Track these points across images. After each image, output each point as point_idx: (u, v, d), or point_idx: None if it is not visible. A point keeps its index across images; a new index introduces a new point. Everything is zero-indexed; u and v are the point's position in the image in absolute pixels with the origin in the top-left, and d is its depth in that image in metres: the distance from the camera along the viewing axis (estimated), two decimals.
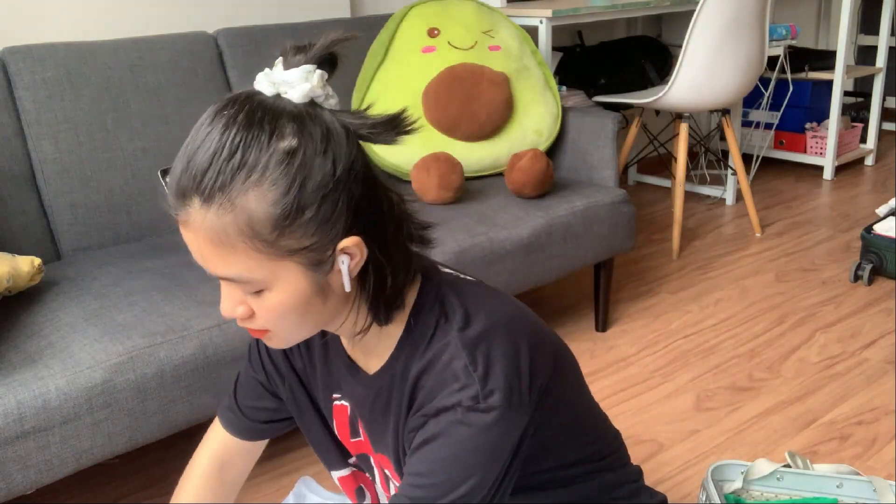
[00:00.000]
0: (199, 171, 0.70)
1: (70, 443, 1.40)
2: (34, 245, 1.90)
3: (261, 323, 0.78)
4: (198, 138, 0.71)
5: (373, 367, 0.90)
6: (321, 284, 0.77)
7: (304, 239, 0.72)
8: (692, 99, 2.76)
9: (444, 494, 0.80)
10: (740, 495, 1.52)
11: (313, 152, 0.71)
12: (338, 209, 0.73)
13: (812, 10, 4.61)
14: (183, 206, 0.72)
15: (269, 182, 0.70)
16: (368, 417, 0.91)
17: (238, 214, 0.70)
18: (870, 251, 2.61)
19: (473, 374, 0.79)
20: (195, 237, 0.73)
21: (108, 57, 2.03)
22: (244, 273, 0.73)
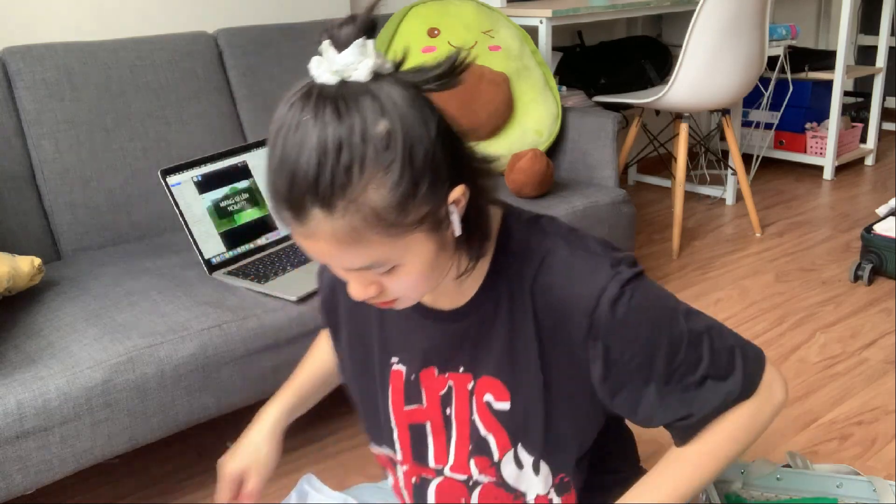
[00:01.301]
0: (310, 181, 0.69)
1: (70, 443, 1.40)
2: (34, 245, 1.90)
3: (392, 295, 0.80)
4: (292, 148, 0.69)
5: (459, 301, 0.91)
6: (442, 240, 0.78)
7: (423, 207, 0.73)
8: (692, 99, 2.76)
9: (664, 334, 0.85)
10: (740, 495, 1.52)
11: (406, 125, 0.71)
12: (443, 166, 0.74)
13: (812, 10, 4.61)
14: (301, 219, 0.71)
15: (382, 170, 0.69)
16: (471, 346, 0.91)
17: (363, 210, 0.70)
18: (870, 251, 2.61)
19: (596, 253, 0.85)
20: (322, 244, 0.72)
21: (108, 57, 2.03)
22: (379, 258, 0.74)
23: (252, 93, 2.25)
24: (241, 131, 2.24)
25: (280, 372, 1.63)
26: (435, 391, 0.96)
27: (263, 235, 1.92)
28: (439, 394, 0.95)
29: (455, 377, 0.94)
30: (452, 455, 0.97)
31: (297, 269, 1.77)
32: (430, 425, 0.97)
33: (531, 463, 0.93)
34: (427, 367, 0.95)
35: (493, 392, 0.92)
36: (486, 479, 0.95)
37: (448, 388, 0.95)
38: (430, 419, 0.97)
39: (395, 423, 1.00)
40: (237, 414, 1.90)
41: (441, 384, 0.95)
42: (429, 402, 0.96)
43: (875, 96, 3.92)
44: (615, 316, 0.82)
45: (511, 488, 0.95)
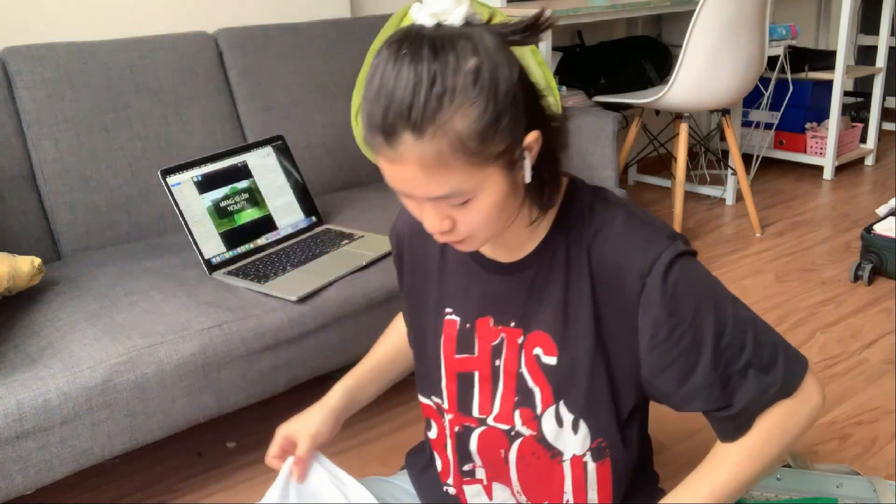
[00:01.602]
0: (404, 108, 0.76)
1: (70, 443, 1.40)
2: (34, 245, 1.90)
3: (462, 231, 0.86)
4: (389, 78, 0.77)
5: (518, 254, 0.96)
6: (514, 182, 0.85)
7: (501, 143, 0.80)
8: (692, 99, 2.76)
9: (710, 313, 0.89)
10: None
11: (493, 65, 0.78)
12: (521, 109, 0.81)
13: (812, 10, 4.61)
14: (391, 143, 0.78)
15: (469, 101, 0.76)
16: (524, 299, 0.96)
17: (449, 136, 0.77)
18: (870, 251, 2.61)
19: (655, 225, 0.91)
20: (409, 168, 0.79)
21: (108, 57, 2.03)
22: (457, 187, 0.80)
23: (252, 93, 2.25)
24: (241, 131, 2.24)
25: (280, 372, 1.63)
26: (487, 341, 1.00)
27: (263, 235, 1.92)
28: (491, 344, 0.99)
29: (507, 331, 0.98)
30: (497, 405, 1.00)
31: (297, 269, 1.77)
32: (478, 375, 1.01)
33: (571, 421, 0.95)
34: (483, 317, 1.00)
35: (543, 346, 0.96)
36: (528, 432, 0.98)
37: (500, 339, 0.99)
38: (479, 369, 1.01)
39: (445, 371, 1.03)
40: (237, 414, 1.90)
41: (494, 335, 0.99)
42: (480, 352, 1.00)
43: (875, 96, 3.92)
44: (666, 283, 0.87)
45: (549, 445, 0.97)
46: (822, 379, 2.06)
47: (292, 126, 2.28)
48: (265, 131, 2.23)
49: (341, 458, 1.80)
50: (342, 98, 2.39)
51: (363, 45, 2.42)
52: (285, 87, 2.30)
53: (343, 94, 2.39)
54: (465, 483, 1.07)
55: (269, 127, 2.24)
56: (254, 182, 1.94)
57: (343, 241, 1.92)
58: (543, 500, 1.00)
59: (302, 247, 1.90)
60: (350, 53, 2.43)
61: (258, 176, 1.95)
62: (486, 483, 1.05)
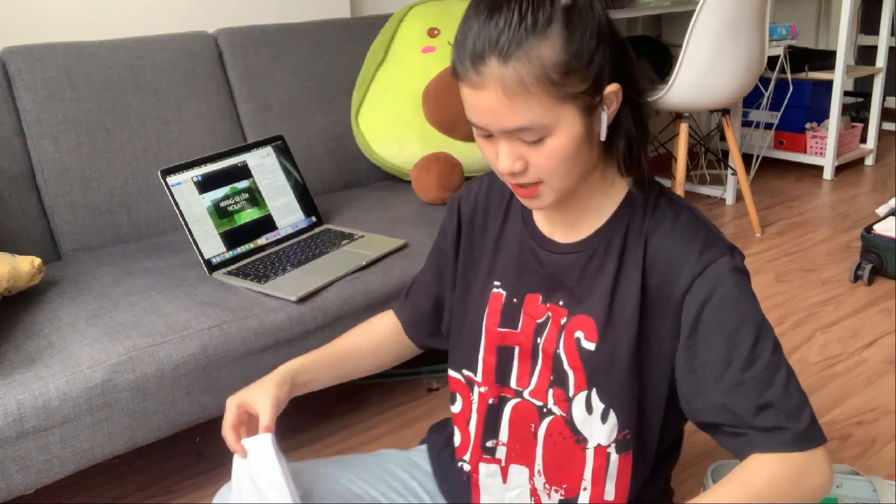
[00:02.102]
0: (495, 35, 0.80)
1: (70, 443, 1.40)
2: (34, 245, 1.90)
3: (535, 174, 0.88)
4: (482, 9, 0.82)
5: (575, 235, 0.98)
6: (590, 130, 0.87)
7: (582, 83, 0.83)
8: (692, 99, 2.76)
9: (752, 331, 0.89)
10: None
11: (586, 6, 0.83)
12: (605, 57, 0.84)
13: (812, 10, 4.61)
14: (477, 68, 0.81)
15: (557, 34, 0.81)
16: (575, 281, 0.97)
17: (534, 63, 0.80)
18: (870, 251, 2.61)
19: (718, 233, 0.93)
20: (491, 93, 0.82)
21: (108, 57, 2.03)
22: (536, 118, 0.83)
23: (252, 93, 2.25)
24: (241, 131, 2.24)
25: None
26: (533, 318, 1.00)
27: (263, 235, 1.92)
28: (536, 321, 1.00)
29: (554, 309, 0.99)
30: (535, 380, 1.01)
31: (297, 269, 1.77)
32: (519, 350, 1.01)
33: (601, 410, 0.95)
34: (533, 293, 1.00)
35: (585, 330, 0.96)
36: (558, 412, 0.98)
37: (546, 317, 0.99)
38: (520, 344, 1.01)
39: (485, 343, 1.04)
40: None
41: (541, 312, 1.00)
42: (523, 328, 1.01)
43: (875, 96, 3.92)
44: (714, 291, 0.88)
45: (576, 429, 0.97)
46: (822, 379, 2.06)
47: (292, 126, 2.28)
48: (265, 131, 2.23)
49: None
50: (342, 98, 2.39)
51: (363, 45, 2.43)
52: (285, 87, 2.30)
53: (343, 94, 2.39)
54: (483, 461, 1.06)
55: (269, 127, 2.24)
56: (254, 182, 1.94)
57: (343, 241, 1.92)
58: (563, 483, 1.00)
59: (302, 247, 1.90)
60: (350, 53, 2.43)
61: (258, 176, 1.95)
62: (504, 465, 1.05)
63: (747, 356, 0.88)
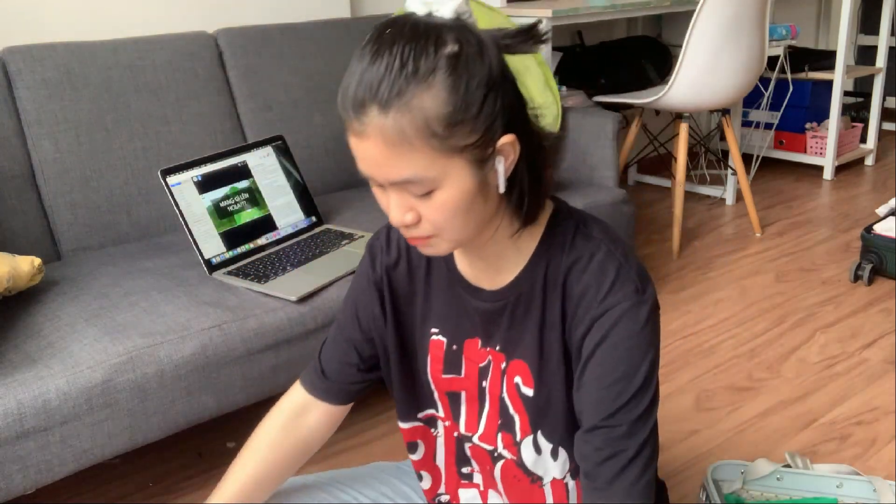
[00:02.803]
0: (375, 83, 0.76)
1: (70, 443, 1.40)
2: (34, 245, 1.90)
3: (428, 227, 0.84)
4: (366, 56, 0.77)
5: (500, 281, 0.94)
6: (483, 183, 0.82)
7: (470, 136, 0.78)
8: (692, 99, 2.76)
9: (626, 387, 0.86)
10: (740, 495, 1.52)
11: (473, 55, 0.78)
12: (496, 107, 0.80)
13: (812, 10, 4.61)
14: (359, 117, 0.77)
15: (440, 83, 0.76)
16: (506, 327, 0.95)
17: (415, 114, 0.76)
18: (870, 251, 2.61)
19: (630, 271, 0.89)
20: (372, 144, 0.77)
21: (108, 57, 2.03)
22: (419, 172, 0.78)
23: (252, 93, 2.25)
24: (241, 131, 2.24)
25: (280, 372, 1.63)
26: (475, 363, 0.99)
27: (263, 235, 1.92)
28: (479, 366, 0.99)
29: (493, 353, 0.98)
30: (483, 425, 1.00)
31: (297, 269, 1.77)
32: (465, 395, 1.01)
33: (550, 450, 0.95)
34: (472, 338, 0.99)
35: (522, 376, 0.95)
36: (509, 456, 0.99)
37: (487, 361, 0.98)
38: (466, 389, 1.01)
39: (435, 388, 1.03)
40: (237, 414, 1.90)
41: (482, 357, 0.99)
42: (467, 373, 1.00)
43: (875, 96, 3.92)
44: (608, 335, 0.86)
45: (529, 471, 0.98)
46: (822, 379, 2.06)
47: (292, 126, 2.28)
48: (265, 131, 2.23)
49: (341, 458, 1.80)
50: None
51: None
52: (285, 87, 2.30)
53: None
54: (462, 486, 1.07)
55: (269, 127, 2.24)
56: (254, 182, 1.94)
57: (343, 241, 1.92)
58: None
59: (302, 247, 1.90)
60: (350, 53, 2.43)
61: (258, 176, 1.95)
62: (483, 489, 1.05)
63: (618, 408, 0.87)
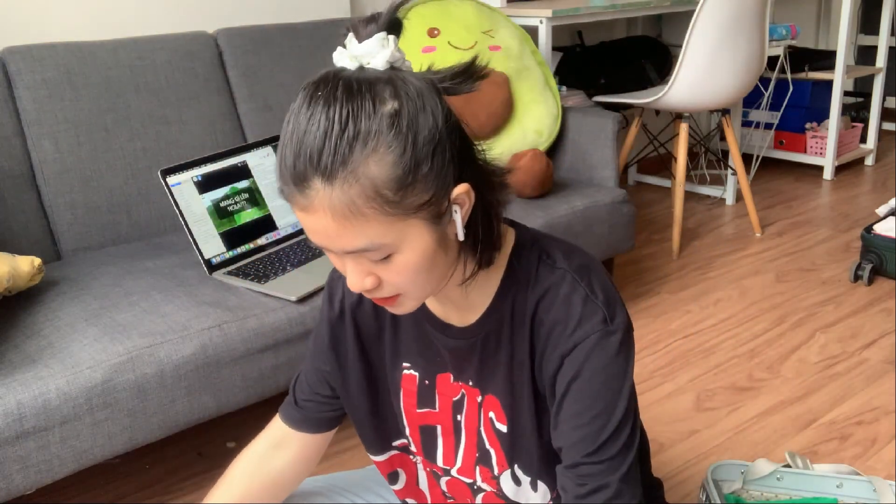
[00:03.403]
0: (314, 153, 0.71)
1: (70, 443, 1.40)
2: (34, 245, 1.90)
3: (390, 289, 0.80)
4: (301, 122, 0.72)
5: (469, 318, 0.92)
6: (442, 237, 0.79)
7: (424, 194, 0.74)
8: (692, 99, 2.76)
9: (606, 423, 0.84)
10: (740, 495, 1.52)
11: (415, 109, 0.73)
12: (447, 159, 0.75)
13: (812, 10, 4.61)
14: (302, 190, 0.72)
15: (385, 146, 0.71)
16: (478, 363, 0.93)
17: (363, 182, 0.71)
18: (870, 251, 2.61)
19: (596, 300, 0.85)
20: (321, 218, 0.73)
21: (108, 57, 2.03)
22: (375, 240, 0.74)
23: (252, 93, 2.25)
24: (241, 131, 2.24)
25: (280, 372, 1.63)
26: (448, 397, 0.97)
27: (263, 235, 1.92)
28: (452, 399, 0.97)
29: (467, 388, 0.96)
30: (460, 459, 0.98)
31: (297, 269, 1.77)
32: (441, 429, 0.99)
33: (528, 482, 0.94)
34: (444, 373, 0.97)
35: (495, 412, 0.94)
36: (489, 489, 0.97)
37: (461, 395, 0.96)
38: (441, 423, 0.98)
39: (407, 423, 1.01)
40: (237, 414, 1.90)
41: (455, 391, 0.97)
42: (441, 407, 0.98)
43: (875, 96, 3.92)
44: (581, 371, 0.84)
45: (511, 501, 0.96)
46: (822, 379, 2.06)
47: None
48: (265, 131, 2.23)
49: (341, 458, 1.80)
50: None
51: None
52: (285, 87, 2.30)
53: None
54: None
55: (269, 127, 2.24)
56: (254, 182, 1.94)
57: None
58: None
59: (302, 247, 1.90)
60: None
61: (258, 176, 1.95)
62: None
63: (599, 445, 0.85)
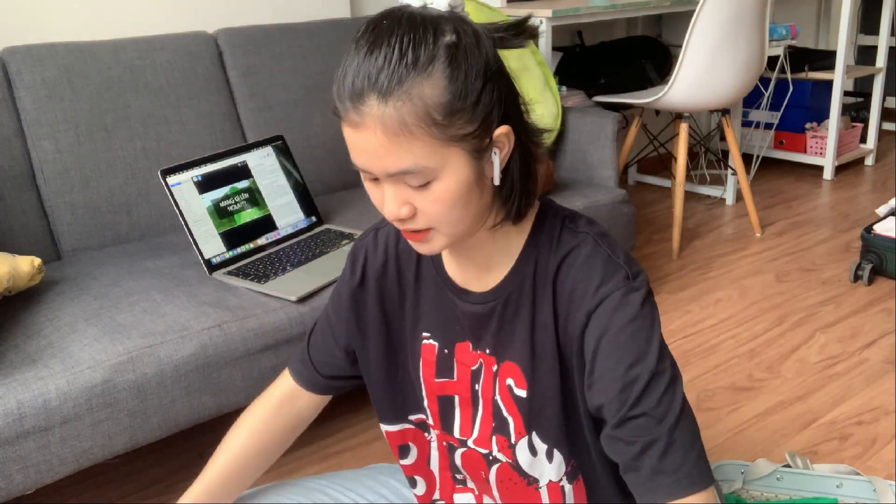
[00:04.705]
0: (374, 72, 0.75)
1: (70, 443, 1.40)
2: (34, 245, 1.90)
3: (424, 220, 0.83)
4: (362, 47, 0.77)
5: (489, 282, 0.94)
6: (479, 174, 0.82)
7: (469, 125, 0.78)
8: (692, 99, 2.76)
9: (642, 371, 0.84)
10: (740, 495, 1.52)
11: (471, 44, 0.78)
12: (493, 97, 0.80)
13: (812, 10, 4.61)
14: (357, 107, 0.76)
15: (440, 72, 0.76)
16: (495, 329, 0.94)
17: (415, 102, 0.75)
18: (870, 251, 2.61)
19: (618, 260, 0.88)
20: (371, 133, 0.77)
21: (108, 57, 2.03)
22: (419, 161, 0.78)
23: (252, 93, 2.25)
24: (241, 131, 2.24)
25: (280, 372, 1.63)
26: (467, 366, 0.99)
27: (263, 235, 1.92)
28: (471, 369, 0.98)
29: (484, 357, 0.97)
30: (477, 429, 1.00)
31: (297, 269, 1.77)
32: (459, 399, 1.00)
33: (545, 451, 0.94)
34: (462, 342, 0.98)
35: (514, 378, 0.95)
36: (504, 459, 0.98)
37: (479, 364, 0.98)
38: (459, 393, 1.00)
39: (426, 393, 1.02)
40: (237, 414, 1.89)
41: (473, 360, 0.98)
42: (459, 376, 0.99)
43: (875, 96, 3.92)
44: (609, 326, 0.85)
45: (525, 473, 0.97)
46: (822, 379, 2.06)
47: (292, 126, 2.28)
48: (265, 131, 2.23)
49: (341, 457, 1.80)
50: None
51: None
52: (285, 87, 2.30)
53: None
54: (457, 491, 1.06)
55: (269, 127, 2.24)
56: (254, 182, 1.94)
57: (343, 241, 1.92)
58: None
59: (302, 247, 1.90)
60: None
61: (258, 176, 1.95)
62: (478, 494, 1.05)
63: (639, 394, 0.84)
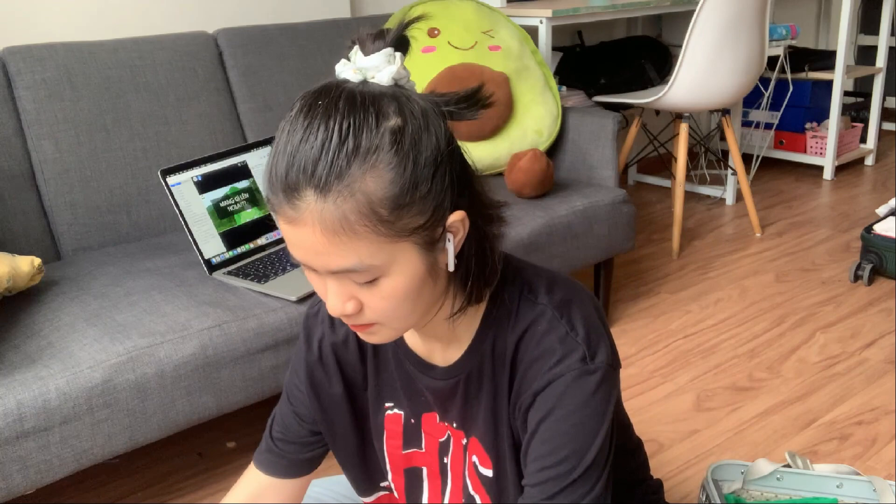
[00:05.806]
0: (309, 163, 0.68)
1: (70, 443, 1.40)
2: (34, 245, 1.90)
3: (371, 315, 0.76)
4: (297, 131, 0.69)
5: (451, 356, 0.88)
6: (432, 265, 0.76)
7: (419, 217, 0.71)
8: (692, 99, 2.76)
9: (575, 467, 0.80)
10: (740, 495, 1.52)
11: (418, 128, 0.71)
12: (445, 183, 0.73)
13: (812, 10, 4.61)
14: (292, 202, 0.69)
15: (384, 163, 0.68)
16: (461, 404, 0.89)
17: (358, 198, 0.68)
18: (870, 251, 2.61)
19: (576, 338, 0.81)
20: (310, 231, 0.69)
21: (108, 57, 2.03)
22: (365, 259, 0.71)
23: (252, 93, 2.25)
24: (241, 131, 2.24)
25: (280, 372, 1.63)
26: (435, 437, 0.94)
27: (263, 235, 1.92)
28: (439, 440, 0.94)
29: (452, 430, 0.93)
30: (447, 502, 0.96)
31: (297, 269, 1.77)
32: (427, 471, 0.96)
33: None
34: (429, 412, 0.93)
35: (479, 456, 0.91)
36: None
37: (447, 436, 0.93)
38: (428, 465, 0.95)
39: (391, 467, 0.98)
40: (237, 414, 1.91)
41: (441, 431, 0.94)
42: (428, 448, 0.95)
43: (875, 96, 3.92)
44: (553, 410, 0.81)
45: None
46: (822, 379, 2.06)
47: None
48: (265, 131, 2.23)
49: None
50: None
51: None
52: (285, 87, 2.30)
53: None
54: None
55: (269, 127, 2.24)
56: (254, 182, 1.94)
57: None
58: None
59: None
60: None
61: (258, 176, 1.95)
62: None
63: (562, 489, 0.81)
